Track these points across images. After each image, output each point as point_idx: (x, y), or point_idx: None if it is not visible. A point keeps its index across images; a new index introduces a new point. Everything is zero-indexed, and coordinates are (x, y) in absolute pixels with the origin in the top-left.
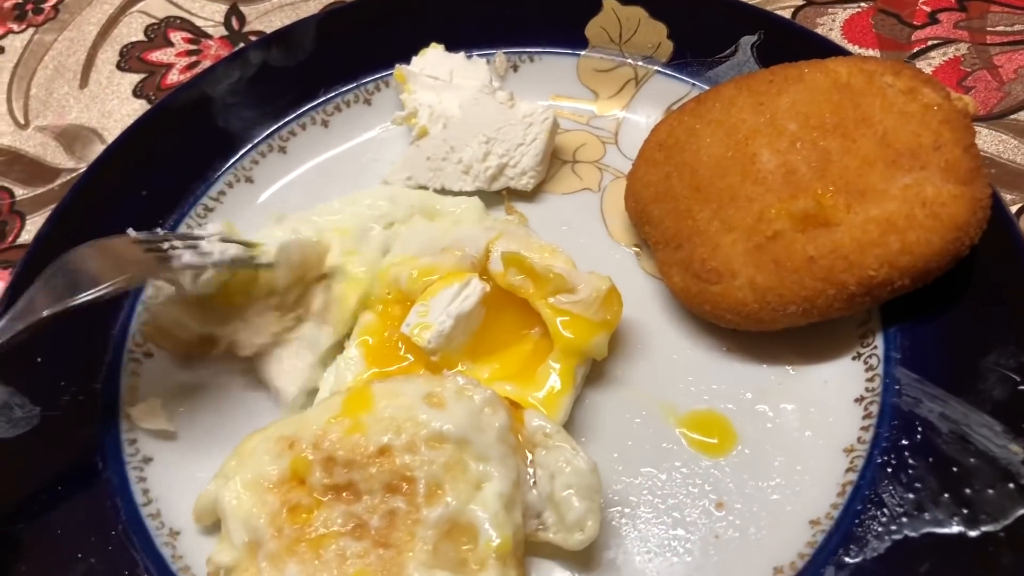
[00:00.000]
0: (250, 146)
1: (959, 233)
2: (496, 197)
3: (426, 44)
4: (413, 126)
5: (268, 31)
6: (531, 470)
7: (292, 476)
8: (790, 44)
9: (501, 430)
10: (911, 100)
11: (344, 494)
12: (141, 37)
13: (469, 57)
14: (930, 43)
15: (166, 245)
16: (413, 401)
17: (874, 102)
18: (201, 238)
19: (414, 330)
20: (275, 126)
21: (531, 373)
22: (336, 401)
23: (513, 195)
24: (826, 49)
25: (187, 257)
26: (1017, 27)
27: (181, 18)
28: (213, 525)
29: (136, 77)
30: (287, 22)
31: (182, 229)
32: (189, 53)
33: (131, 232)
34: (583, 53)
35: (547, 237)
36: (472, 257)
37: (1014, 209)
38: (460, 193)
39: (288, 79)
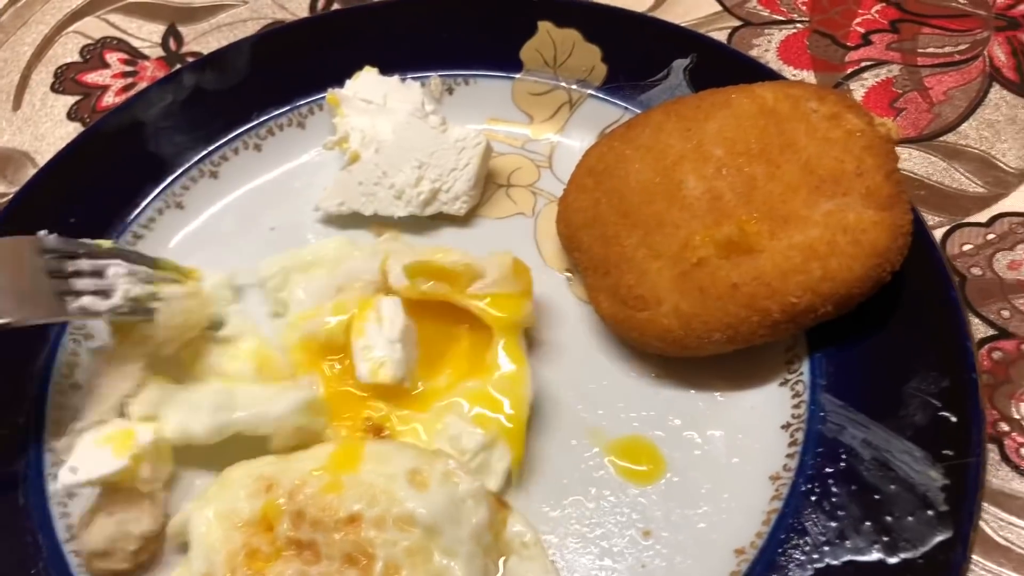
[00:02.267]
0: (181, 171)
1: (880, 259)
2: (428, 222)
3: (360, 67)
4: (346, 151)
5: (205, 51)
6: (499, 575)
7: (261, 519)
8: (722, 67)
9: (477, 527)
10: (835, 126)
11: (304, 553)
12: (77, 58)
13: (403, 80)
14: (863, 64)
15: (71, 268)
16: (396, 473)
17: (799, 127)
18: (123, 256)
19: (374, 373)
20: (207, 150)
21: (481, 363)
22: (325, 451)
23: (446, 220)
24: (758, 72)
25: (84, 301)
26: (947, 48)
27: (118, 39)
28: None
29: (71, 99)
30: (225, 42)
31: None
32: (125, 75)
33: (43, 236)
34: (518, 76)
35: None
36: (373, 283)
37: (943, 231)
38: (384, 219)
39: (221, 102)
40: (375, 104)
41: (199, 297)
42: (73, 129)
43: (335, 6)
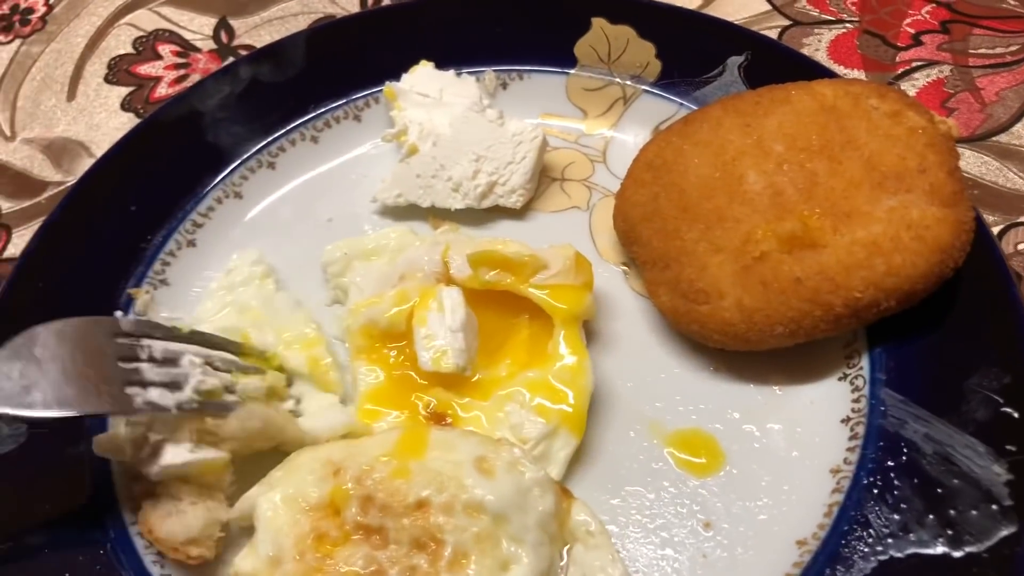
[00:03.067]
0: (239, 161)
1: (943, 256)
2: (484, 215)
3: (416, 61)
4: (403, 143)
5: (257, 45)
6: (563, 563)
7: (329, 504)
8: (777, 65)
9: (544, 515)
10: (896, 123)
11: (373, 537)
12: (129, 50)
13: (459, 75)
14: (914, 64)
15: (145, 355)
16: (463, 460)
17: (860, 125)
18: (202, 341)
19: (436, 362)
20: (264, 141)
21: (542, 353)
22: (391, 437)
23: (502, 213)
24: (812, 70)
25: (152, 394)
26: (998, 49)
27: (169, 31)
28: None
29: (124, 90)
30: (276, 36)
31: (171, 245)
32: (177, 66)
33: (120, 319)
34: (572, 72)
35: None
36: (434, 273)
37: (996, 230)
38: (440, 211)
39: (277, 94)
40: (432, 98)
41: (280, 393)
42: (127, 119)
43: (385, 1)
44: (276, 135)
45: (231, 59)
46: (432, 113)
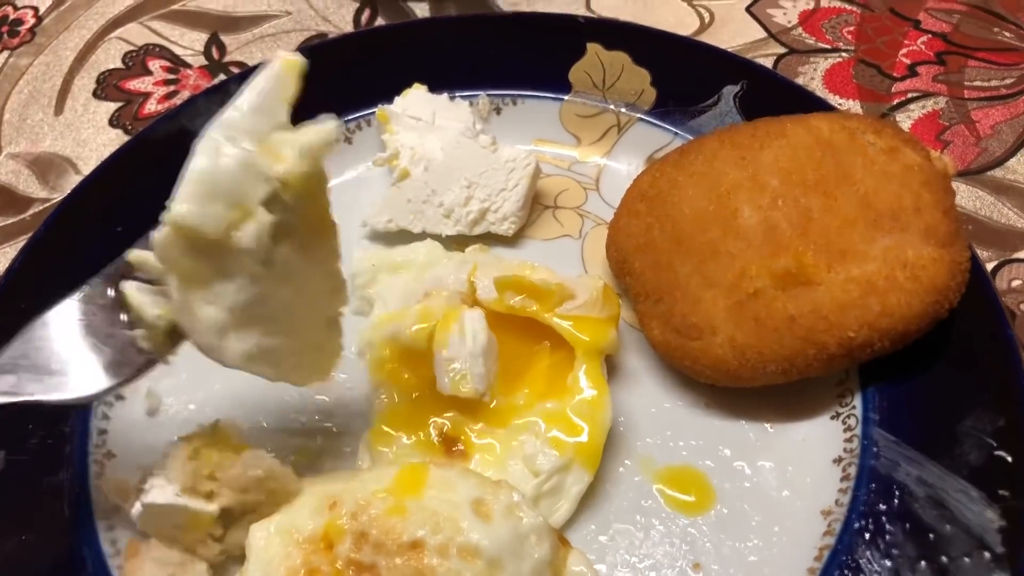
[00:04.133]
0: None
1: (939, 296)
2: (476, 241)
3: (409, 83)
4: (395, 168)
5: (249, 62)
6: None
7: (323, 537)
8: (773, 95)
9: (539, 563)
10: (892, 160)
11: (364, 575)
12: (119, 64)
13: (452, 98)
14: (909, 96)
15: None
16: (461, 501)
17: (856, 160)
18: None
19: (455, 386)
20: None
21: (561, 385)
22: (389, 474)
23: (494, 240)
24: (808, 101)
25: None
26: (993, 82)
27: (160, 46)
28: None
29: (113, 105)
30: (268, 53)
31: None
32: (167, 82)
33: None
34: (566, 98)
35: None
36: (459, 293)
37: (990, 266)
38: (432, 237)
39: None
40: (424, 121)
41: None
42: (115, 136)
43: (378, 20)
44: None
45: (222, 76)
46: (424, 137)
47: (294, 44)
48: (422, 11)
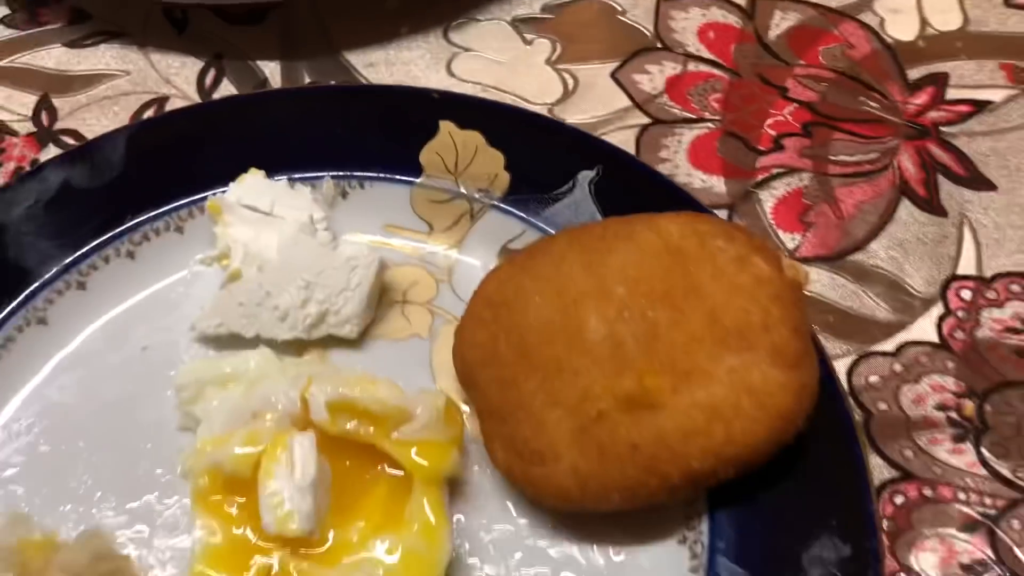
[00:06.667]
0: (43, 281)
1: (785, 423)
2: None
3: (246, 166)
4: (225, 267)
5: (81, 129)
6: None
7: None
8: (629, 181)
9: None
10: (741, 270)
11: None
12: None
13: (292, 184)
14: (774, 172)
15: None
16: None
17: (705, 269)
18: None
19: (281, 524)
20: (74, 257)
21: (399, 516)
22: None
23: (336, 342)
24: (667, 190)
25: None
26: (857, 156)
27: None
28: None
29: None
30: (103, 118)
31: None
32: None
33: None
34: (418, 181)
35: None
36: (290, 415)
37: (848, 361)
38: (267, 342)
39: (91, 202)
40: (261, 212)
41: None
42: None
43: (224, 82)
44: (88, 250)
45: (51, 146)
46: (260, 232)
47: (132, 108)
48: (272, 70)
